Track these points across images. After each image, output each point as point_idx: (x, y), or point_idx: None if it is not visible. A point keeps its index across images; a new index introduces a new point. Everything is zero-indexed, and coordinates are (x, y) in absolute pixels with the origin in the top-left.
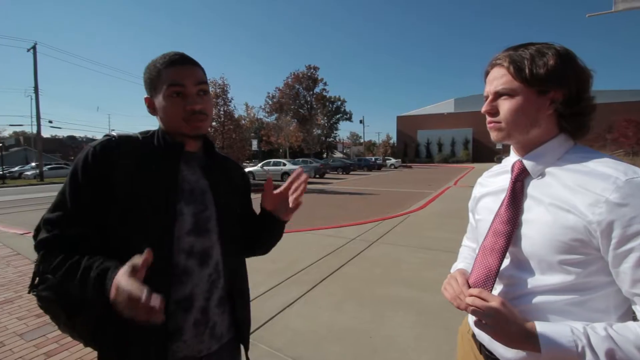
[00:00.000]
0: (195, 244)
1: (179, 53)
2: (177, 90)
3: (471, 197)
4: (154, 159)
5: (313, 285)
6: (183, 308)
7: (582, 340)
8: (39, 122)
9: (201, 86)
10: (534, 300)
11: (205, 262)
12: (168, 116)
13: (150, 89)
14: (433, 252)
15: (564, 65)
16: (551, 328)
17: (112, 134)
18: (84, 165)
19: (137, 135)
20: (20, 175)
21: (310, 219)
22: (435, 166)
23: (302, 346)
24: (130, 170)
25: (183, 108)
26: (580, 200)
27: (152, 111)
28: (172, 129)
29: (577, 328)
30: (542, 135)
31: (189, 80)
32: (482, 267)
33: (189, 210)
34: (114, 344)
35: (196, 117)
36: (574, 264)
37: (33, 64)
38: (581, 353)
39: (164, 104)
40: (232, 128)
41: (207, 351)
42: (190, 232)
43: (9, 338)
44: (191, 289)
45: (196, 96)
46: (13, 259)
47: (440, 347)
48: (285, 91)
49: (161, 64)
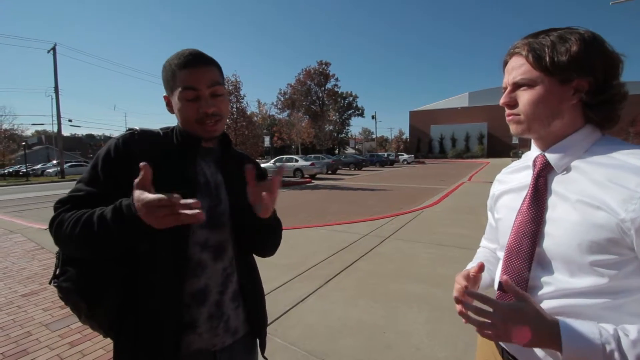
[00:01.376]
0: (209, 238)
1: (193, 52)
2: (190, 95)
3: (490, 195)
4: (172, 154)
5: (326, 281)
6: (197, 301)
7: (610, 344)
8: (60, 121)
9: (215, 88)
10: (562, 304)
11: (219, 256)
12: (182, 118)
13: (167, 87)
14: (447, 248)
15: (589, 51)
16: (576, 326)
17: (135, 128)
18: (105, 157)
19: (158, 130)
20: (42, 173)
21: (322, 214)
22: (448, 162)
23: (315, 340)
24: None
25: (196, 111)
26: (612, 196)
27: (170, 109)
28: (188, 129)
29: (606, 329)
30: (565, 127)
31: (202, 83)
32: (511, 272)
33: (204, 204)
34: (130, 333)
35: (209, 119)
36: (607, 266)
37: (53, 65)
38: (608, 356)
39: (179, 106)
40: (244, 125)
41: (221, 345)
42: (205, 225)
43: (35, 328)
44: (205, 282)
45: (209, 98)
46: (37, 252)
47: (456, 344)
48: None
49: (175, 65)
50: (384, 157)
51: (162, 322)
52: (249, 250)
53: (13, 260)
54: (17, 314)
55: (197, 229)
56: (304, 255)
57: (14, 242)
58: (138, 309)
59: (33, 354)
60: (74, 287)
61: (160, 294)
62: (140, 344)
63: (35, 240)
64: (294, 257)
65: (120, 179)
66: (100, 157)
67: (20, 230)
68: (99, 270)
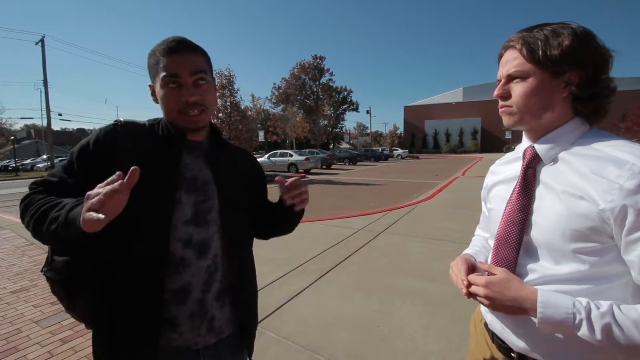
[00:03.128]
0: (194, 234)
1: (178, 38)
2: (172, 80)
3: (483, 186)
4: (156, 147)
5: (320, 275)
6: (178, 298)
7: (581, 314)
8: (49, 115)
9: (199, 75)
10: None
11: (203, 254)
12: (165, 107)
13: (151, 75)
14: (440, 243)
15: (581, 45)
16: (553, 297)
17: (120, 119)
18: (83, 149)
19: (144, 122)
20: (32, 168)
21: (317, 209)
22: (443, 156)
23: (310, 334)
24: (132, 155)
25: (177, 99)
26: (594, 187)
27: (155, 99)
28: (170, 120)
29: (579, 301)
30: (555, 120)
31: (185, 70)
32: (499, 259)
33: (189, 200)
34: (107, 327)
35: (192, 109)
36: (589, 253)
37: (42, 57)
38: (577, 325)
39: (161, 94)
40: (238, 119)
41: (204, 344)
42: (189, 221)
43: (25, 325)
44: (188, 279)
45: (192, 87)
46: (28, 248)
47: (449, 337)
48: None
49: (159, 51)
50: (378, 152)
51: (139, 318)
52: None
53: (2, 257)
54: (6, 311)
55: (180, 224)
56: (298, 250)
57: (3, 238)
58: (116, 303)
59: (23, 351)
60: (57, 277)
61: (138, 290)
62: (117, 338)
63: (25, 236)
64: (288, 252)
65: (96, 171)
66: (79, 147)
67: (10, 226)
68: (83, 262)
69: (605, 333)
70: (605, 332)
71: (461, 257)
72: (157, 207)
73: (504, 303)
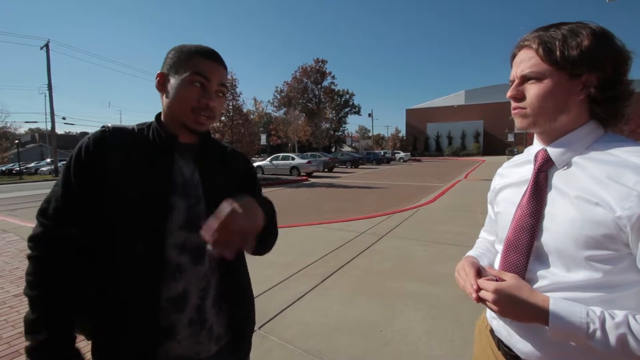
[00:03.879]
0: (188, 239)
1: (213, 49)
2: (200, 80)
3: (490, 189)
4: (147, 151)
5: (323, 279)
6: (176, 306)
7: (595, 323)
8: (53, 119)
9: (222, 88)
10: (558, 297)
11: (199, 259)
12: (179, 101)
13: (172, 66)
14: (443, 246)
15: (600, 46)
16: (566, 305)
17: (108, 125)
18: (77, 159)
19: (133, 127)
20: (36, 171)
21: (319, 212)
22: (445, 159)
23: (312, 338)
24: (122, 162)
25: (198, 99)
26: (610, 193)
27: (161, 88)
28: (176, 115)
29: (593, 310)
30: (570, 123)
31: (215, 77)
32: (509, 264)
33: (182, 204)
34: (105, 336)
35: (205, 112)
36: (602, 261)
37: (46, 62)
38: (591, 335)
39: (180, 88)
40: (240, 122)
41: (206, 354)
42: (183, 226)
43: None
44: (185, 286)
45: (214, 94)
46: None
47: (453, 342)
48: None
49: (194, 50)
50: (380, 155)
51: (136, 327)
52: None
53: (5, 260)
54: (9, 314)
55: (175, 230)
56: (300, 254)
57: (6, 241)
58: (112, 311)
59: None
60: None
61: (135, 298)
62: (115, 348)
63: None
64: (290, 256)
65: (92, 179)
66: (72, 159)
67: (14, 229)
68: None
69: (620, 343)
70: (620, 342)
71: (467, 260)
72: (150, 213)
73: (514, 310)
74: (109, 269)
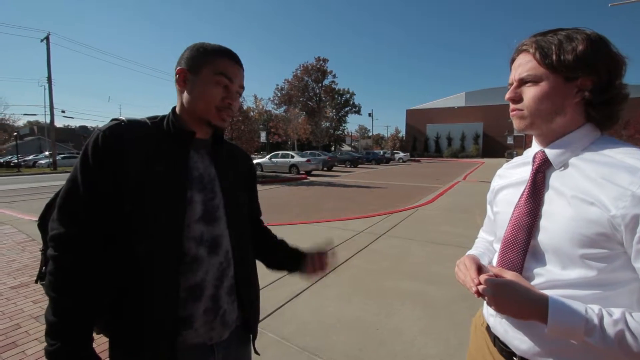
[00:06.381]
0: (204, 232)
1: (235, 53)
2: (225, 82)
3: (490, 189)
4: (164, 145)
5: (321, 277)
6: (194, 296)
7: (593, 320)
8: (52, 112)
9: (241, 90)
10: (553, 294)
11: (215, 250)
12: (203, 98)
13: (193, 64)
14: (441, 247)
15: (595, 50)
16: (564, 303)
17: (121, 118)
18: (95, 149)
19: (145, 120)
20: (34, 164)
21: (317, 211)
22: (444, 161)
23: (309, 335)
24: (140, 156)
25: (222, 98)
26: (605, 193)
27: (182, 83)
28: (198, 111)
29: (591, 308)
30: (567, 125)
31: (238, 79)
32: (506, 262)
33: (199, 198)
34: (125, 331)
35: (227, 111)
36: (597, 259)
37: (46, 54)
38: (589, 332)
39: (205, 87)
40: (240, 119)
41: (218, 339)
42: (200, 219)
43: (25, 320)
44: (202, 276)
45: (235, 94)
46: (28, 244)
47: (448, 341)
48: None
49: (218, 51)
50: (380, 154)
51: (158, 319)
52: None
53: (3, 252)
54: (6, 306)
55: (192, 223)
56: None
57: (4, 233)
58: (132, 306)
59: (22, 346)
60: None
61: (156, 290)
62: (136, 341)
63: (26, 232)
64: None
65: (111, 175)
66: (89, 150)
67: (11, 221)
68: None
69: (617, 340)
70: (617, 339)
71: (468, 257)
72: (169, 207)
73: (513, 306)
74: (128, 264)
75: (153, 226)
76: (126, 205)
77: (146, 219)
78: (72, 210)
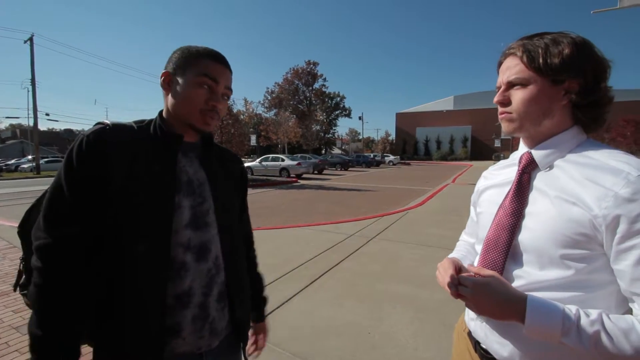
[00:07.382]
0: (192, 238)
1: (221, 53)
2: (208, 83)
3: (474, 190)
4: (151, 149)
5: (311, 281)
6: (181, 303)
7: (570, 320)
8: (36, 115)
9: (228, 91)
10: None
11: (203, 257)
12: (187, 102)
13: (178, 67)
14: (431, 249)
15: (580, 54)
16: (543, 302)
17: (106, 121)
18: (79, 154)
19: (131, 124)
20: (16, 168)
21: (308, 214)
22: (433, 164)
23: (300, 341)
24: (127, 160)
25: (206, 101)
26: (588, 194)
27: (166, 86)
28: (182, 114)
29: (569, 308)
30: (554, 127)
31: (223, 80)
32: (487, 262)
33: (187, 203)
34: (109, 339)
35: (211, 114)
36: (577, 259)
37: (30, 56)
38: (566, 332)
39: (188, 89)
40: (230, 123)
41: (207, 347)
42: (188, 225)
43: (4, 331)
44: (189, 283)
45: (220, 96)
46: (9, 251)
47: (439, 344)
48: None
49: (202, 52)
50: (370, 158)
51: (144, 327)
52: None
53: None
54: None
55: (180, 229)
56: (289, 255)
57: None
58: (117, 314)
59: (2, 358)
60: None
61: (141, 298)
62: (121, 350)
63: (7, 238)
64: (279, 257)
65: (96, 180)
66: (73, 155)
67: None
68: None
69: (593, 341)
70: (594, 340)
71: (448, 259)
72: (156, 212)
73: (491, 306)
74: (114, 271)
75: (139, 232)
76: (112, 211)
77: (132, 225)
78: (58, 219)
